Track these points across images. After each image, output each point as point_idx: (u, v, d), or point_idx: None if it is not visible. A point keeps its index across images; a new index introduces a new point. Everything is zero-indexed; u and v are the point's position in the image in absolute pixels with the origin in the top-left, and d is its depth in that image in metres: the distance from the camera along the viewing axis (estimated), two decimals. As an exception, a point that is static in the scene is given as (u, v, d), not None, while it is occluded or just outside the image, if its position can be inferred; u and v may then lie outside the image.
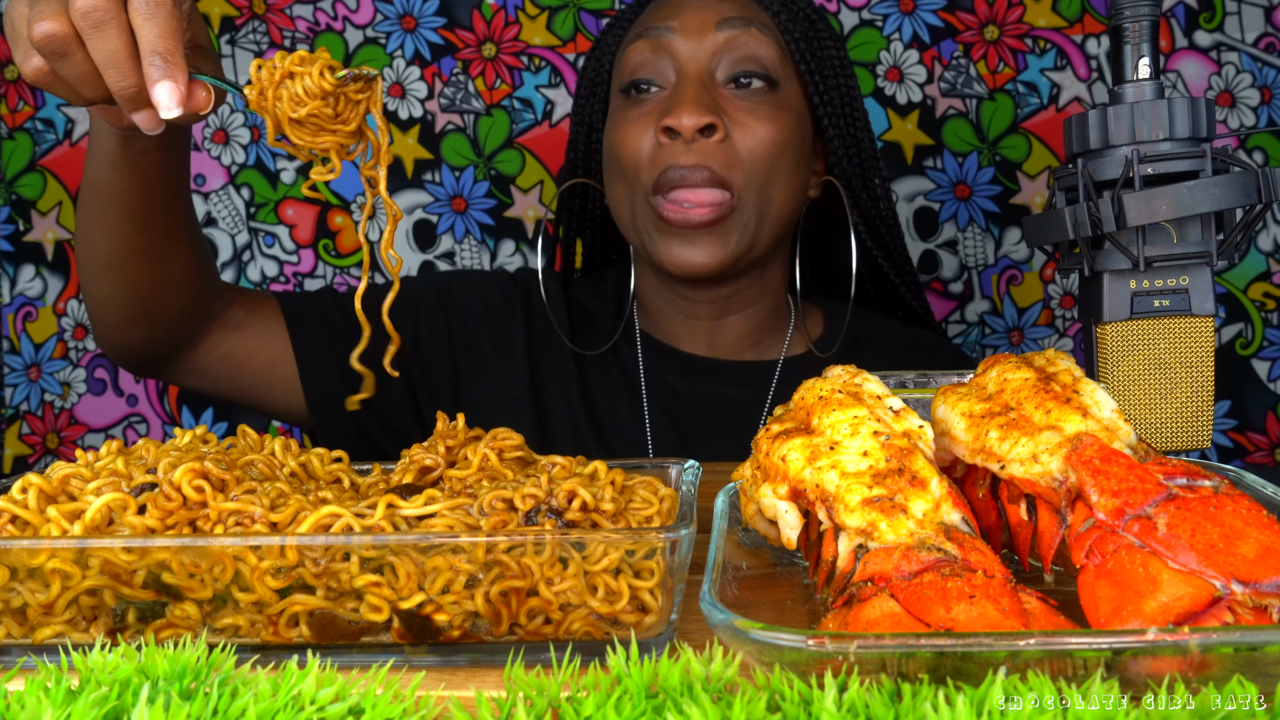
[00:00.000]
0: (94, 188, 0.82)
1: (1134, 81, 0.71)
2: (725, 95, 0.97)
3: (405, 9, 1.38)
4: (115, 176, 0.80)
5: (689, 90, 0.95)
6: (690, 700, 0.38)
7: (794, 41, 0.99)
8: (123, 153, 0.78)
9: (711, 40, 0.97)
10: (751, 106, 0.96)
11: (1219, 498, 0.46)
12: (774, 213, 0.98)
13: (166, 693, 0.40)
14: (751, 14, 0.99)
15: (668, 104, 0.95)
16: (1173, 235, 0.69)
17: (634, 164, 0.97)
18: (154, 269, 0.87)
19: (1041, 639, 0.39)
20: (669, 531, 0.48)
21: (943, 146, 1.37)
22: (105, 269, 0.86)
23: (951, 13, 1.35)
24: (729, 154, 0.95)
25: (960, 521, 0.49)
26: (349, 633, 0.49)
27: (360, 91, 0.64)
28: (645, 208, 0.97)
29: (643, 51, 0.98)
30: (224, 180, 1.40)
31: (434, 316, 1.05)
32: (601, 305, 1.10)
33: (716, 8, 0.98)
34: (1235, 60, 1.33)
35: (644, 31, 0.99)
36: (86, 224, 0.85)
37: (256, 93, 0.63)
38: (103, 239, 0.85)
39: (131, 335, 0.91)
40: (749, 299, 1.05)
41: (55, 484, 0.54)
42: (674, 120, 0.93)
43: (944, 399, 0.58)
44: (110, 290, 0.88)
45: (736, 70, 0.97)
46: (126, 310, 0.89)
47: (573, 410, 1.04)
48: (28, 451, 1.42)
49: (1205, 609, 0.42)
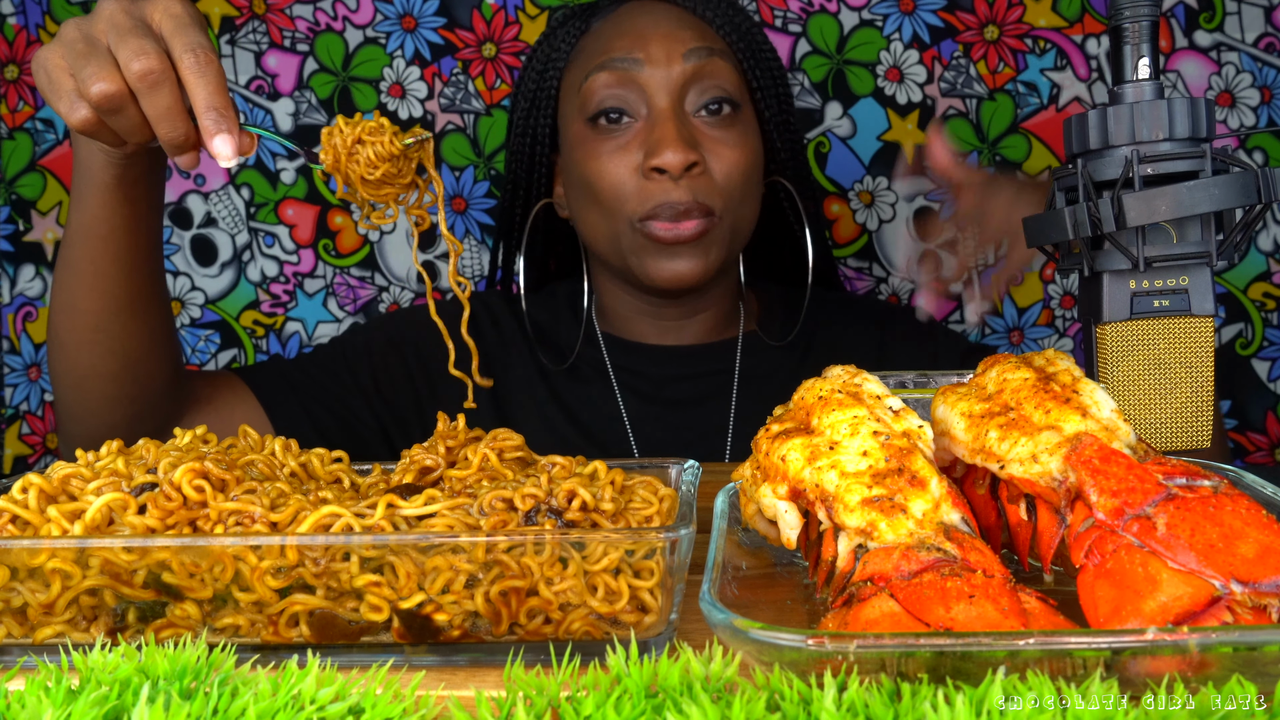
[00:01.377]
0: (83, 235, 0.82)
1: (1134, 82, 0.71)
2: (697, 125, 1.01)
3: (405, 9, 1.38)
4: (107, 214, 0.80)
5: (670, 128, 0.97)
6: (690, 700, 0.38)
7: (747, 62, 1.04)
8: (116, 185, 0.79)
9: (680, 71, 1.00)
10: (723, 135, 1.01)
11: (1218, 498, 0.46)
12: (744, 228, 1.05)
13: (166, 692, 0.40)
14: (712, 41, 1.02)
15: (648, 142, 0.98)
16: (1172, 235, 0.69)
17: (616, 196, 1.00)
18: (141, 326, 0.86)
19: (1041, 639, 0.39)
20: (669, 531, 0.48)
21: (943, 146, 1.37)
22: (94, 332, 0.85)
23: (951, 13, 1.35)
24: (709, 184, 0.99)
25: (960, 521, 0.49)
26: (349, 632, 0.49)
27: (416, 151, 0.73)
28: (630, 232, 1.00)
29: (609, 82, 1.00)
30: (224, 180, 1.40)
31: (388, 356, 1.09)
32: (555, 318, 1.14)
33: (680, 36, 1.01)
34: (1235, 60, 1.33)
35: (608, 64, 1.01)
36: (73, 285, 0.84)
37: (332, 157, 0.72)
38: (90, 295, 0.83)
39: (116, 415, 0.89)
40: (713, 299, 1.11)
41: (55, 484, 0.54)
42: (661, 160, 0.96)
43: (944, 399, 0.58)
44: (98, 359, 0.86)
45: (706, 99, 1.01)
46: (114, 382, 0.87)
47: (548, 418, 1.08)
48: (28, 451, 1.42)
49: (1204, 609, 0.42)
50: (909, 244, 1.38)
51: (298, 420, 1.03)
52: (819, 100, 1.37)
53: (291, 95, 1.39)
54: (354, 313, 1.41)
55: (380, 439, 1.08)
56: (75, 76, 0.68)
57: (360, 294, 1.40)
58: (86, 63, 0.67)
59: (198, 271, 1.40)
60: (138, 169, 0.79)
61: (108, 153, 0.77)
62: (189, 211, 1.40)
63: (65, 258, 0.84)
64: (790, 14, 1.36)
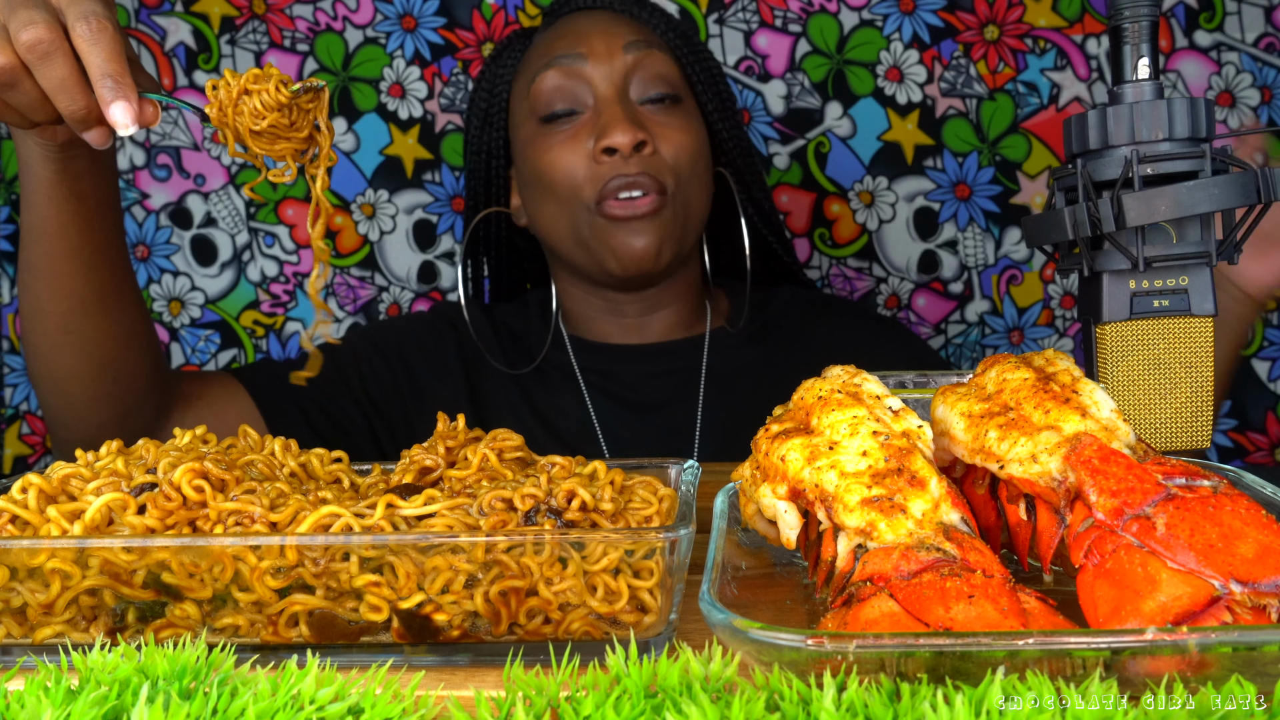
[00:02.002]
0: (35, 235, 0.80)
1: (1134, 81, 0.71)
2: (644, 112, 1.04)
3: (405, 9, 1.38)
4: (54, 211, 0.78)
5: (617, 110, 1.02)
6: (689, 700, 0.38)
7: (684, 57, 1.08)
8: (58, 179, 0.77)
9: (621, 63, 1.04)
10: (668, 120, 1.04)
11: (1218, 498, 0.46)
12: (695, 211, 1.07)
13: (166, 692, 0.40)
14: (649, 36, 1.07)
15: (597, 126, 1.02)
16: (1172, 235, 0.69)
17: (570, 183, 1.03)
18: (112, 324, 0.85)
19: (1040, 639, 0.39)
20: (668, 531, 0.48)
21: (943, 146, 1.37)
22: (64, 333, 0.83)
23: (951, 13, 1.35)
24: (659, 162, 1.02)
25: (959, 521, 0.49)
26: (349, 632, 0.49)
27: (310, 102, 0.70)
28: (587, 216, 1.03)
29: (556, 79, 1.04)
30: (224, 180, 1.40)
31: (376, 364, 1.11)
32: (526, 325, 1.16)
33: (619, 32, 1.06)
34: (1235, 60, 1.33)
35: (553, 61, 1.05)
36: (35, 287, 0.83)
37: (217, 109, 0.68)
38: (54, 296, 0.82)
39: (102, 414, 0.88)
40: (673, 295, 1.12)
41: (55, 484, 0.54)
42: (610, 140, 1.00)
43: (943, 399, 0.58)
44: (72, 360, 0.85)
45: (648, 88, 1.05)
46: (93, 382, 0.86)
47: (525, 423, 1.09)
48: (28, 451, 1.42)
49: (1204, 609, 0.42)
50: (910, 244, 1.38)
51: (294, 421, 1.04)
52: (819, 100, 1.37)
53: (291, 95, 1.39)
54: (354, 313, 1.41)
55: (371, 443, 1.09)
56: None
57: (360, 294, 1.40)
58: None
59: (198, 271, 1.40)
60: (79, 163, 0.77)
61: (43, 146, 0.75)
62: (189, 211, 1.40)
63: (24, 259, 0.83)
64: (790, 14, 1.36)
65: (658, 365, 1.12)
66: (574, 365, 1.12)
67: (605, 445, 1.09)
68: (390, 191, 1.40)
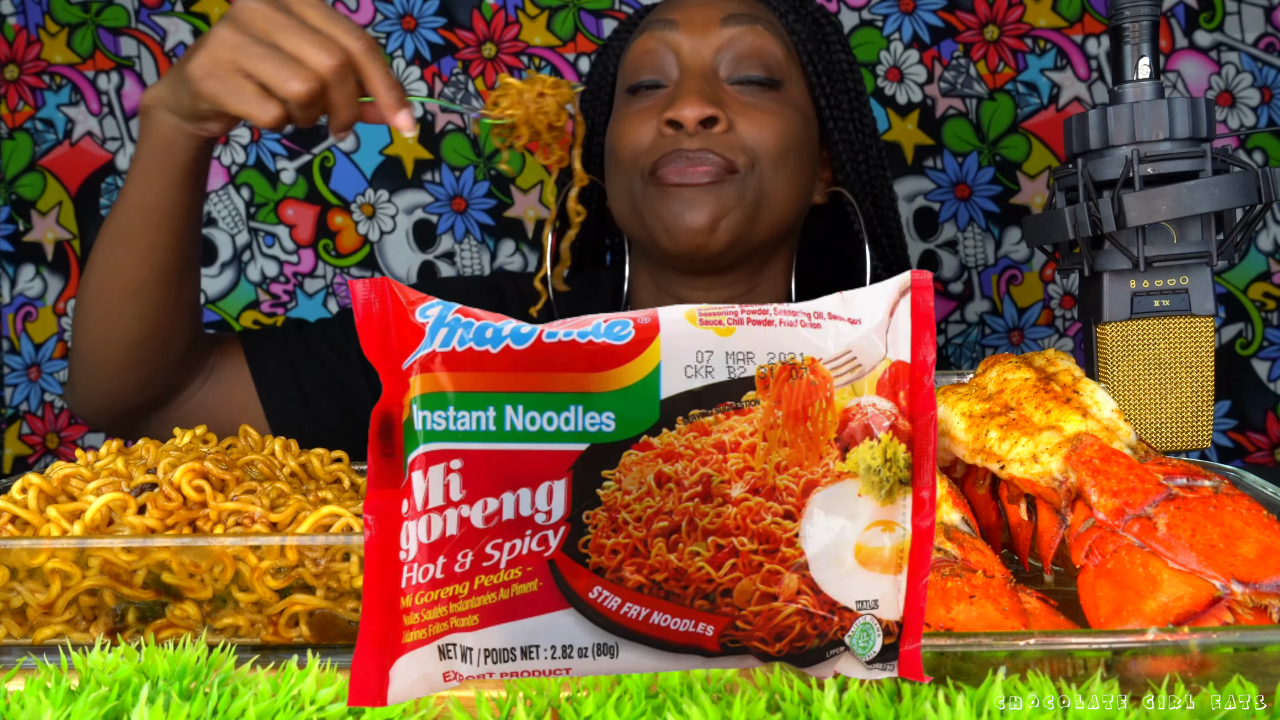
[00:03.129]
0: (146, 211, 0.85)
1: (1134, 81, 0.71)
2: (729, 91, 0.96)
3: (405, 9, 1.38)
4: (178, 193, 0.84)
5: (691, 84, 0.94)
6: (690, 700, 0.38)
7: (800, 42, 0.98)
8: (191, 164, 0.83)
9: (716, 36, 0.96)
10: (755, 102, 0.95)
11: (1219, 498, 0.46)
12: (775, 203, 0.96)
13: (166, 693, 0.40)
14: (757, 12, 0.98)
15: (670, 97, 0.95)
16: (1173, 235, 0.69)
17: (633, 153, 0.96)
18: (176, 294, 0.89)
19: (1041, 639, 0.39)
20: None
21: (943, 146, 1.37)
22: (131, 298, 0.87)
23: (951, 13, 1.35)
24: (733, 141, 0.94)
25: (960, 521, 0.49)
26: (349, 632, 0.49)
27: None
28: (643, 186, 0.96)
29: (647, 45, 0.98)
30: (224, 180, 1.40)
31: None
32: (593, 306, 1.09)
33: (722, 5, 0.98)
34: (1235, 60, 1.33)
35: (649, 25, 0.99)
36: (120, 252, 0.87)
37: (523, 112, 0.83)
38: (137, 265, 0.86)
39: (128, 379, 0.90)
40: (750, 292, 1.04)
41: (55, 484, 0.54)
42: (675, 112, 0.93)
43: (944, 399, 0.58)
44: (124, 324, 0.88)
45: (740, 66, 0.96)
46: (134, 348, 0.89)
47: None
48: (28, 451, 1.42)
49: (1205, 609, 0.42)
50: (909, 244, 1.38)
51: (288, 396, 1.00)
52: (819, 100, 1.37)
53: (291, 95, 1.39)
54: (354, 313, 1.40)
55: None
56: (256, 77, 0.73)
57: (360, 294, 1.40)
58: (270, 64, 0.73)
59: (198, 271, 1.40)
60: (210, 149, 0.84)
61: (191, 136, 0.81)
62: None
63: (118, 229, 0.87)
64: (790, 14, 1.36)
65: None
66: None
67: None
68: (390, 191, 1.40)
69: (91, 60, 1.39)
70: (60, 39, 1.39)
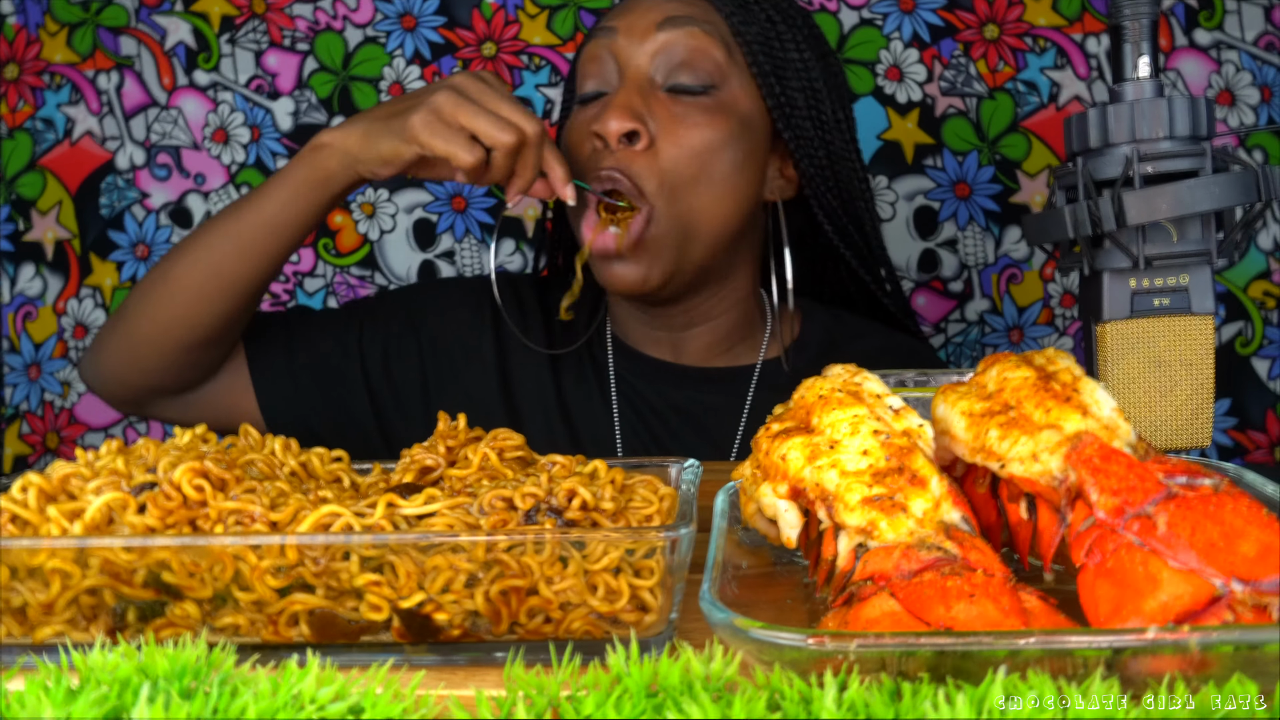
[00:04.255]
0: (273, 226, 0.91)
1: (1134, 80, 0.71)
2: (661, 100, 0.94)
3: (405, 8, 1.38)
4: (312, 214, 0.91)
5: (619, 96, 0.93)
6: (690, 699, 0.38)
7: (745, 42, 0.96)
8: (339, 195, 0.91)
9: (652, 42, 0.95)
10: (683, 112, 0.94)
11: (1219, 496, 0.46)
12: (707, 220, 0.95)
13: (166, 692, 0.40)
14: (698, 13, 0.96)
15: (602, 108, 0.94)
16: (1173, 234, 0.69)
17: (578, 169, 0.95)
18: (261, 295, 0.96)
19: (1041, 638, 0.39)
20: (669, 530, 0.48)
21: (943, 146, 1.37)
22: (223, 294, 0.93)
23: (951, 11, 1.35)
24: (646, 164, 0.92)
25: (960, 520, 0.49)
26: (349, 632, 0.49)
27: None
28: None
29: (591, 52, 0.98)
30: (224, 180, 1.40)
31: (404, 339, 1.05)
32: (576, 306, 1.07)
33: (661, 7, 0.96)
34: (1235, 59, 1.33)
35: (594, 32, 0.99)
36: (231, 256, 0.92)
37: None
38: (245, 269, 0.92)
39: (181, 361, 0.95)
40: (712, 310, 1.03)
41: (55, 483, 0.54)
42: (600, 126, 0.92)
43: (944, 398, 0.58)
44: (206, 315, 0.93)
45: (674, 73, 0.94)
46: (202, 336, 0.94)
47: (548, 414, 1.04)
48: (28, 451, 1.42)
49: (1205, 608, 0.42)
50: (909, 243, 1.38)
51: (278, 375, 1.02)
52: (819, 99, 1.37)
53: (291, 94, 1.39)
54: (354, 312, 1.41)
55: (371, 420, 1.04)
56: (470, 129, 0.84)
57: (360, 293, 1.40)
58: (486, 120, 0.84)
59: (197, 271, 1.40)
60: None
61: (358, 175, 0.89)
62: (189, 211, 1.40)
63: (237, 235, 0.92)
64: (790, 13, 1.36)
65: (695, 391, 1.03)
66: (610, 368, 1.05)
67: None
68: (390, 190, 1.40)
69: (91, 59, 1.39)
70: (60, 38, 1.39)
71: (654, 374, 1.04)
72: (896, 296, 1.10)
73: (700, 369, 1.04)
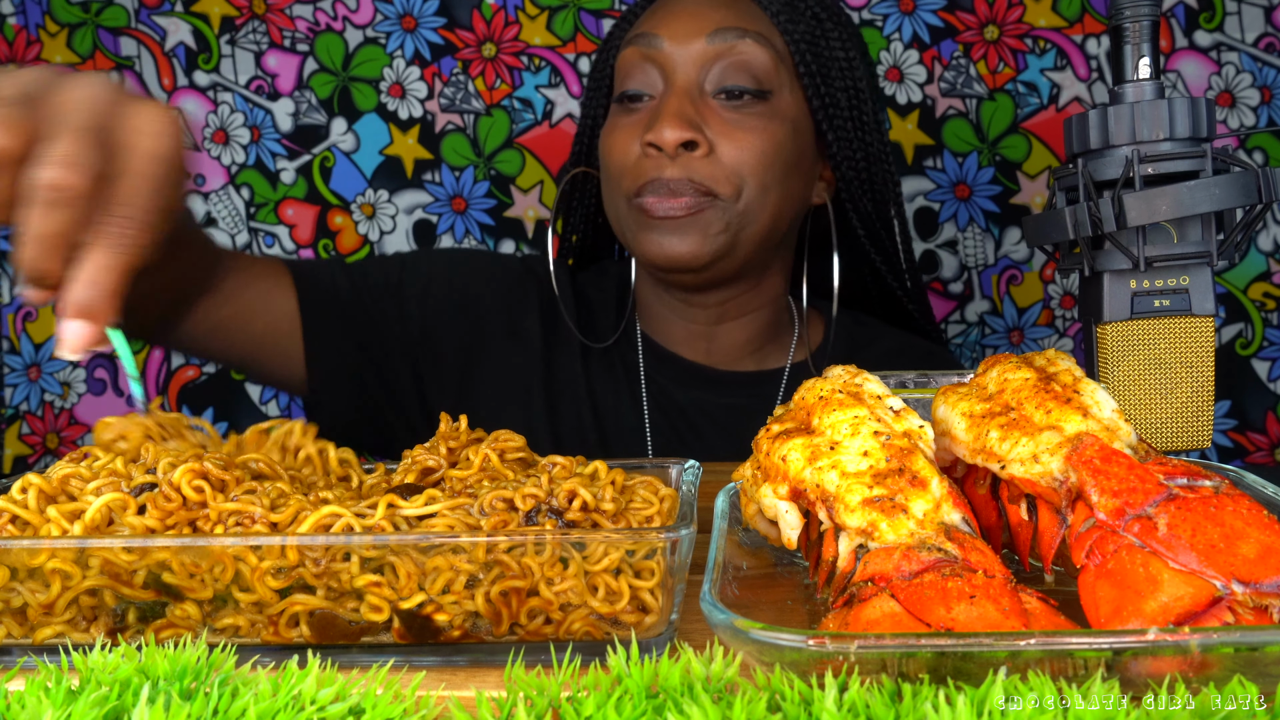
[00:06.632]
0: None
1: (1134, 81, 0.71)
2: (712, 107, 0.95)
3: (405, 9, 1.38)
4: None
5: (672, 103, 0.93)
6: (691, 700, 0.38)
7: (795, 44, 0.97)
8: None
9: (700, 51, 0.95)
10: (739, 119, 0.94)
11: (1219, 498, 0.46)
12: (761, 222, 0.96)
13: (167, 693, 0.40)
14: (746, 21, 0.96)
15: (653, 114, 0.94)
16: (1173, 235, 0.69)
17: (618, 171, 0.96)
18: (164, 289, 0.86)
19: (1042, 639, 0.39)
20: (669, 531, 0.48)
21: (943, 146, 1.37)
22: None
23: (951, 13, 1.35)
24: (713, 168, 0.93)
25: (961, 521, 0.49)
26: (349, 633, 0.49)
27: None
28: (628, 209, 0.97)
29: (633, 59, 0.98)
30: (224, 180, 1.40)
31: (444, 302, 1.03)
32: (603, 298, 1.10)
33: (709, 16, 0.96)
34: (1235, 60, 1.33)
35: (635, 39, 0.98)
36: None
37: None
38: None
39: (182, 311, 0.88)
40: (746, 306, 1.04)
41: (55, 484, 0.54)
42: (655, 136, 0.92)
43: (944, 399, 0.58)
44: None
45: (725, 81, 0.95)
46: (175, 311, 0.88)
47: (579, 405, 1.04)
48: (28, 451, 1.42)
49: (1206, 609, 0.42)
50: (909, 244, 1.38)
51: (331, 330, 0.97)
52: (819, 100, 1.37)
53: (291, 95, 1.39)
54: (354, 313, 1.41)
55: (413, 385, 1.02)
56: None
57: (360, 294, 1.40)
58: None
59: (197, 271, 1.40)
60: None
61: None
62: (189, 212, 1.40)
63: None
64: (790, 14, 1.36)
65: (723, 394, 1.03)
66: (640, 366, 1.05)
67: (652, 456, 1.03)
68: (390, 191, 1.40)
69: (91, 60, 1.39)
70: (60, 39, 1.39)
71: (683, 376, 1.05)
72: (919, 299, 1.10)
73: (729, 372, 1.05)
